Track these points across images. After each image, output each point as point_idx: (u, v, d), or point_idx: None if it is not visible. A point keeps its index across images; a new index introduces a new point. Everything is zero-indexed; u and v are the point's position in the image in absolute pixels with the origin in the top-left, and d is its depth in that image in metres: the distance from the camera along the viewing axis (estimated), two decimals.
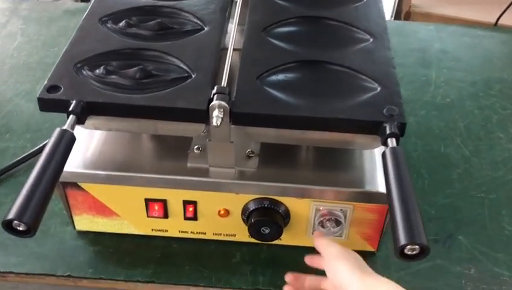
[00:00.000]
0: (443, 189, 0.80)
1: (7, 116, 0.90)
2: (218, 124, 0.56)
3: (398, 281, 0.67)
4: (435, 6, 1.64)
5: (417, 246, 0.47)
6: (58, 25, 1.12)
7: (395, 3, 1.67)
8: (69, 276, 0.67)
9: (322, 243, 0.58)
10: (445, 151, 0.86)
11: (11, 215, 0.47)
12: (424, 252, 0.47)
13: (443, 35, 1.13)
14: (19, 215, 0.47)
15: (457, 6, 1.61)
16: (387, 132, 0.56)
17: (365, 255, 0.58)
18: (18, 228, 0.48)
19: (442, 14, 1.59)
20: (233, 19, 0.75)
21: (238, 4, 0.75)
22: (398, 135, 0.56)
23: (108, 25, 0.72)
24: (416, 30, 1.14)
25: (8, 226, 0.48)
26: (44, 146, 0.53)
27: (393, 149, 0.54)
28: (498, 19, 1.37)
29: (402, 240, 0.46)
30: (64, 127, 0.55)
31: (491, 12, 1.39)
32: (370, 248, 0.71)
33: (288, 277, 0.62)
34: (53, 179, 0.51)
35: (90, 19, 0.72)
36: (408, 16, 1.65)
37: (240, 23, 0.74)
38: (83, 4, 1.28)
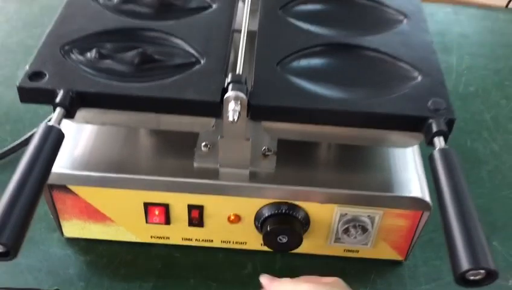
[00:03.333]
0: (472, 189, 0.72)
1: None
2: (236, 119, 0.48)
3: None
4: None
5: (482, 271, 0.39)
6: (40, 3, 1.03)
7: None
8: None
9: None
10: (472, 146, 0.81)
11: None
12: (491, 276, 0.40)
13: (462, 18, 1.07)
14: None
15: None
16: (434, 129, 0.49)
17: (391, 264, 0.54)
18: None
19: None
20: None
21: None
22: (447, 133, 0.48)
23: (101, 0, 0.64)
24: (433, 12, 1.06)
25: None
26: (27, 140, 0.45)
27: (443, 151, 0.46)
28: (509, 1, 1.30)
29: (464, 264, 0.39)
30: (51, 123, 0.47)
31: None
32: (398, 257, 0.64)
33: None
34: (38, 188, 0.43)
35: None
36: None
37: (252, 1, 0.65)
38: None
